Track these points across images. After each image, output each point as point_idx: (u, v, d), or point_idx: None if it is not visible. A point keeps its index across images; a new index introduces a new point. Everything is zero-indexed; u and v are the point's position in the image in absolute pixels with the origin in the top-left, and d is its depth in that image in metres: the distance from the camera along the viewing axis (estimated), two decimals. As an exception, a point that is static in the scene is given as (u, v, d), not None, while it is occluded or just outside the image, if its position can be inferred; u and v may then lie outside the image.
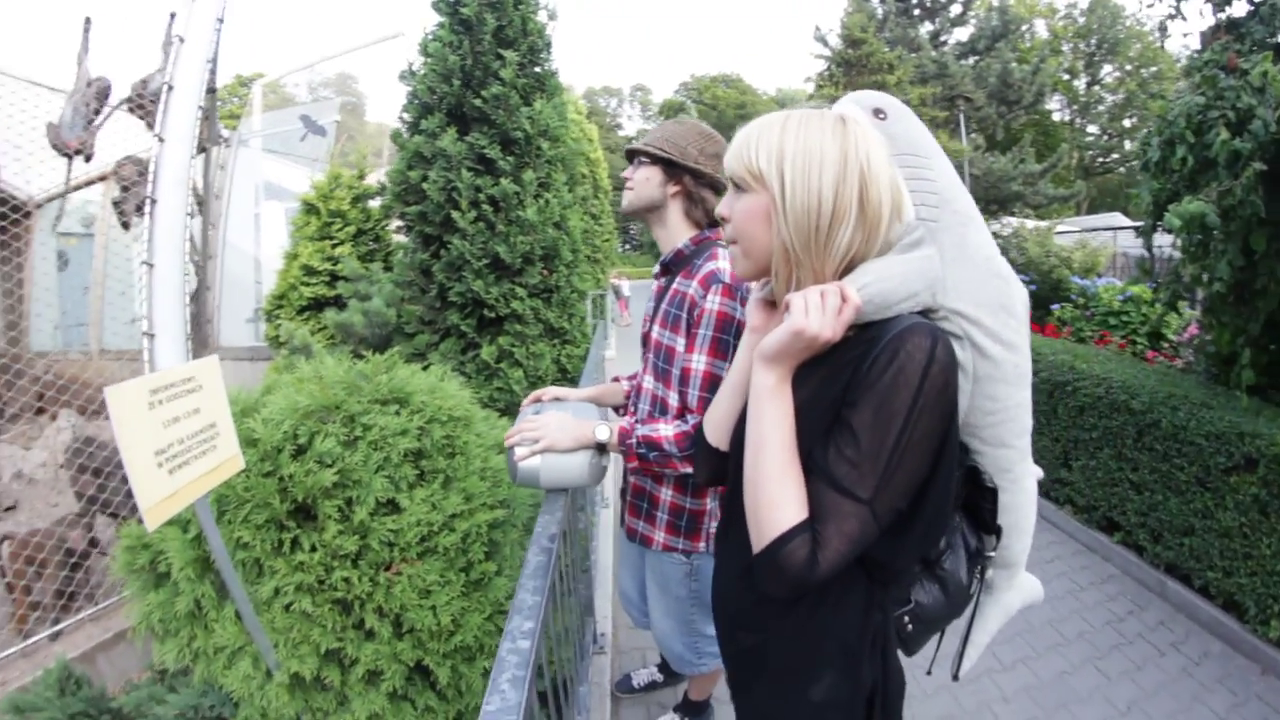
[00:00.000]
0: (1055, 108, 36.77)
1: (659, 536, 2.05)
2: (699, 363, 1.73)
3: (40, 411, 6.56)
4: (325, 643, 1.91)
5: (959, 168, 15.26)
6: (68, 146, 4.18)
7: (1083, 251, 11.83)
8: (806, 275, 1.03)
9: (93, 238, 7.96)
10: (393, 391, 2.16)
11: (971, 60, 19.92)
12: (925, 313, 1.06)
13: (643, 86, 66.30)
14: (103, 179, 7.50)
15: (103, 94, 4.04)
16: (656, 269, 2.05)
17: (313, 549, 1.93)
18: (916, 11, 19.38)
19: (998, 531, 1.22)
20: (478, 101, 3.81)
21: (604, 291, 9.87)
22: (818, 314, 0.94)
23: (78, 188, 5.27)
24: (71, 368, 7.66)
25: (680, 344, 1.80)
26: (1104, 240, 13.55)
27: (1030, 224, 13.94)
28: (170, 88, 3.53)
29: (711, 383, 1.73)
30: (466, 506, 2.07)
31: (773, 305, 1.15)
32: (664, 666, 2.99)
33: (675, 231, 1.95)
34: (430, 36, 3.99)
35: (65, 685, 2.53)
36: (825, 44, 17.16)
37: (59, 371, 7.11)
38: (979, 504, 1.21)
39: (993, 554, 1.24)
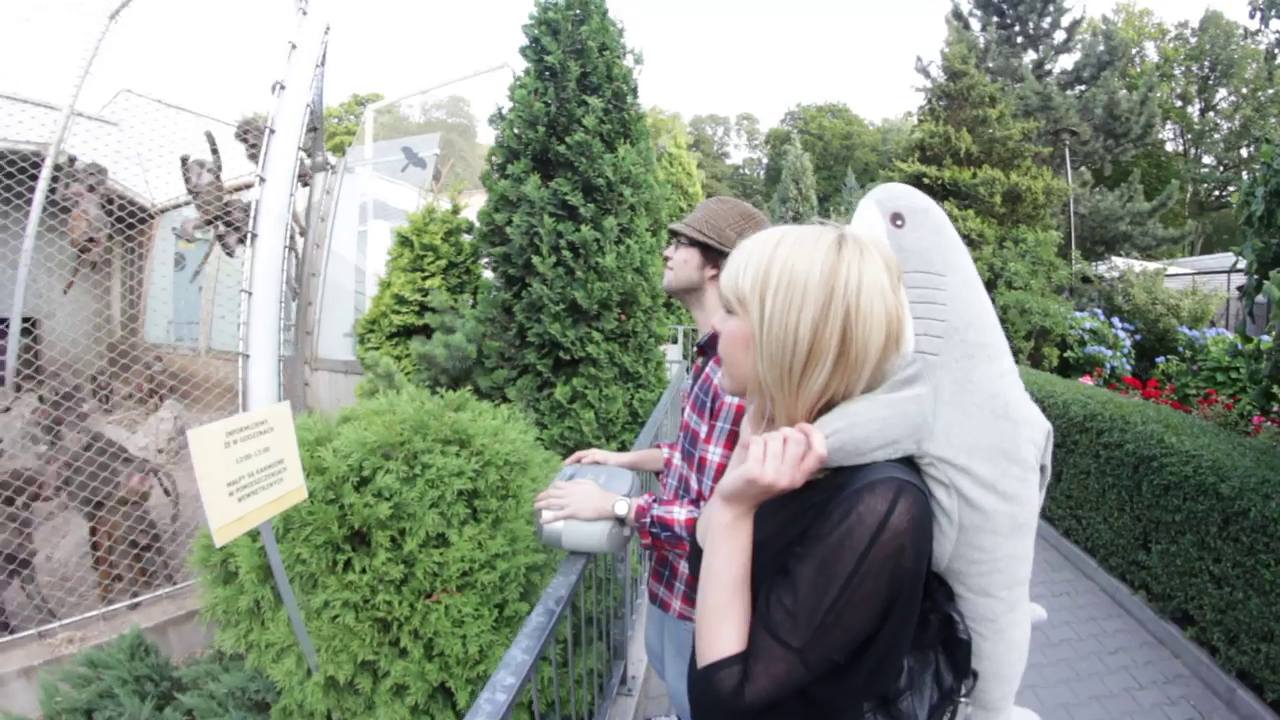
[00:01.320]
0: (1168, 137, 34.37)
1: (676, 605, 2.07)
2: (714, 454, 1.76)
3: (150, 396, 7.16)
4: (362, 654, 2.11)
5: (1064, 207, 14.65)
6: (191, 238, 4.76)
7: (1192, 298, 11.20)
8: (780, 411, 1.01)
9: (208, 242, 8.64)
10: (456, 432, 2.35)
11: (1077, 90, 19.09)
12: (909, 458, 1.02)
13: (749, 115, 65.94)
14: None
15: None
16: (694, 349, 2.06)
17: (362, 571, 2.13)
18: (1019, 40, 18.67)
19: (974, 675, 1.17)
20: (561, 148, 3.97)
21: (696, 327, 9.90)
22: (775, 463, 0.92)
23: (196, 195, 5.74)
24: (180, 361, 8.34)
25: (703, 430, 1.81)
26: (1216, 285, 12.73)
27: (1138, 266, 13.28)
28: (272, 131, 3.84)
29: (722, 475, 1.77)
30: (510, 548, 2.24)
31: (773, 420, 1.10)
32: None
33: (712, 313, 1.96)
34: (517, 83, 4.18)
35: (136, 651, 2.87)
36: (927, 75, 16.79)
37: (168, 363, 7.75)
38: (956, 647, 1.14)
39: (964, 699, 1.18)
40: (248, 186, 4.12)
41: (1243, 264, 3.76)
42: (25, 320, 6.92)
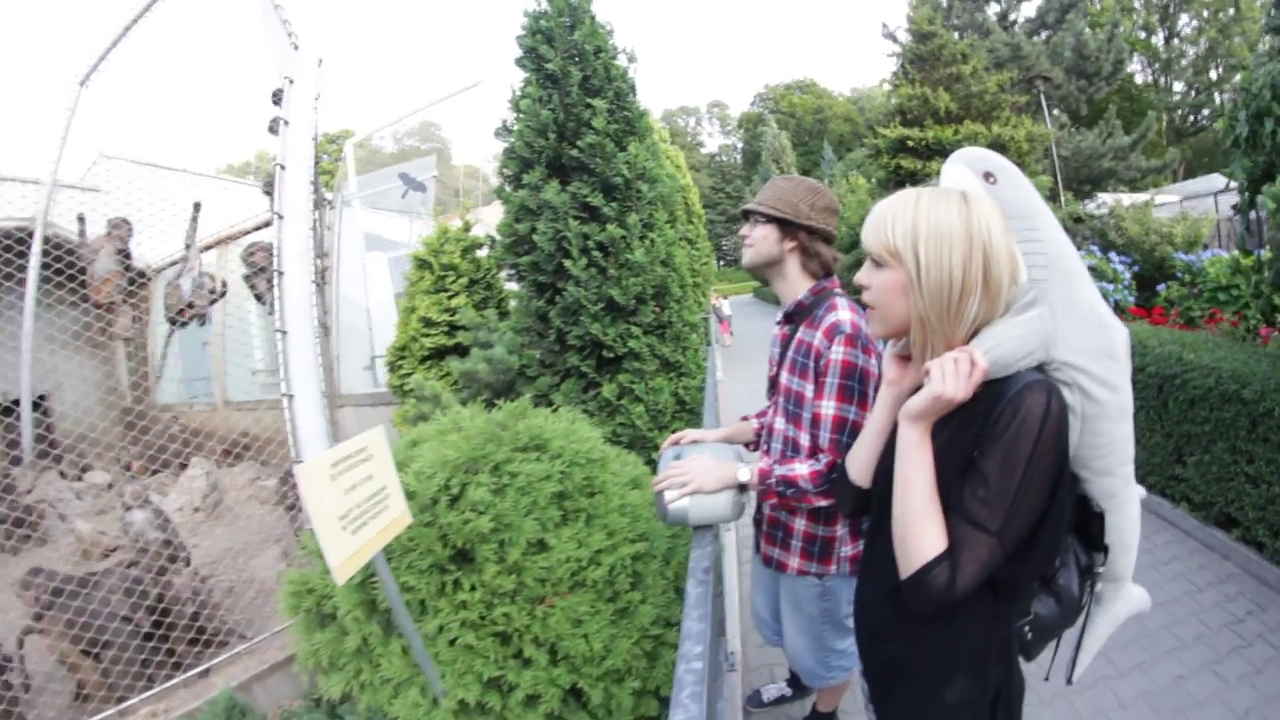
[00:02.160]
0: (1137, 69, 34.54)
1: (793, 562, 2.17)
2: (828, 408, 1.88)
3: (174, 457, 7.10)
4: (487, 671, 2.09)
5: (1046, 151, 14.73)
6: (184, 315, 4.95)
7: (1184, 224, 11.28)
8: (939, 341, 1.18)
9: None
10: (532, 439, 2.35)
11: (1044, 36, 19.19)
12: (1040, 366, 1.20)
13: (719, 102, 66.46)
14: (215, 245, 8.13)
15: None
16: (779, 317, 2.21)
17: (473, 588, 2.13)
18: (980, -7, 18.77)
19: (1105, 549, 1.36)
20: (574, 152, 4.00)
21: (706, 315, 9.90)
22: (953, 380, 1.10)
23: (193, 250, 5.74)
24: (197, 419, 8.31)
25: (809, 390, 1.94)
26: (1205, 209, 12.84)
27: (1126, 200, 13.36)
28: (282, 167, 3.82)
29: (839, 425, 1.87)
30: (610, 542, 2.24)
31: (905, 360, 1.30)
32: (792, 681, 3.07)
33: (794, 284, 2.09)
34: (519, 93, 4.19)
35: (231, 713, 2.82)
36: (895, 40, 16.80)
37: (185, 423, 7.72)
38: (1088, 526, 1.35)
39: (1101, 569, 1.39)
40: (266, 225, 4.08)
41: (1235, 184, 3.98)
42: (35, 398, 6.91)
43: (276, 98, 4.15)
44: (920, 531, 1.13)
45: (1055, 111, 17.78)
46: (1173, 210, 12.78)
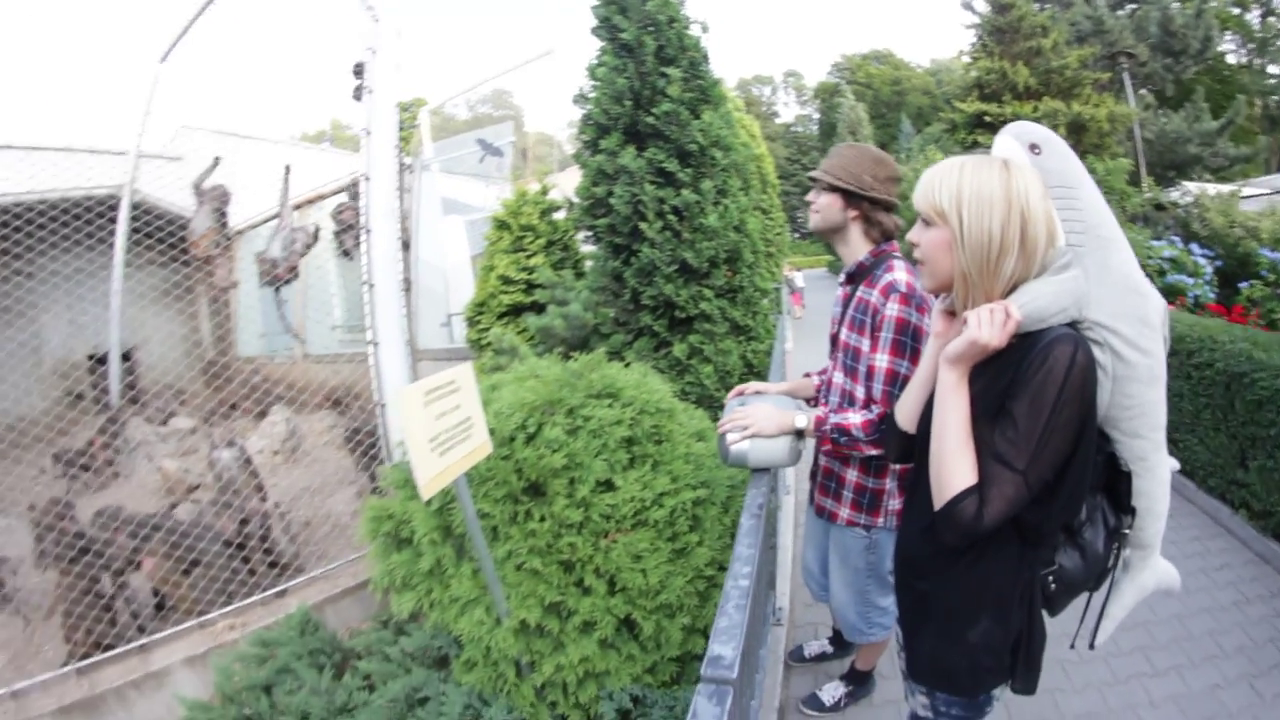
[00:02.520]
0: (1229, 49, 32.29)
1: (843, 512, 2.29)
2: (881, 361, 1.99)
3: (254, 405, 7.54)
4: (549, 596, 2.29)
5: (1129, 133, 14.13)
6: (279, 277, 5.09)
7: (1273, 219, 10.68)
8: (979, 295, 1.29)
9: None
10: (605, 387, 2.52)
11: (1128, 9, 18.30)
12: (1073, 324, 1.30)
13: (795, 72, 65.33)
14: (296, 208, 8.53)
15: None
16: (841, 278, 2.31)
17: (542, 519, 2.32)
18: (1064, -39, 17.92)
19: (1132, 511, 1.43)
20: (650, 119, 4.11)
21: (779, 285, 9.89)
22: (988, 328, 1.21)
23: (286, 209, 6.06)
24: (278, 370, 8.77)
25: (865, 345, 2.06)
26: (1297, 203, 12.11)
27: (1211, 189, 12.75)
28: (368, 132, 4.05)
29: (891, 378, 1.98)
30: (673, 486, 2.40)
31: (952, 315, 1.41)
32: (834, 639, 3.18)
33: (856, 248, 2.21)
34: (596, 62, 4.31)
35: (305, 627, 3.08)
36: (972, 10, 16.25)
37: (266, 374, 8.16)
38: (1117, 486, 1.43)
39: (1128, 532, 1.46)
40: (342, 190, 4.33)
41: None
42: (124, 351, 7.41)
43: (358, 69, 4.35)
44: (953, 466, 1.25)
45: (1140, 91, 16.96)
46: (1261, 203, 12.15)
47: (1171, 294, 9.74)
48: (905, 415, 1.51)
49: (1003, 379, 1.26)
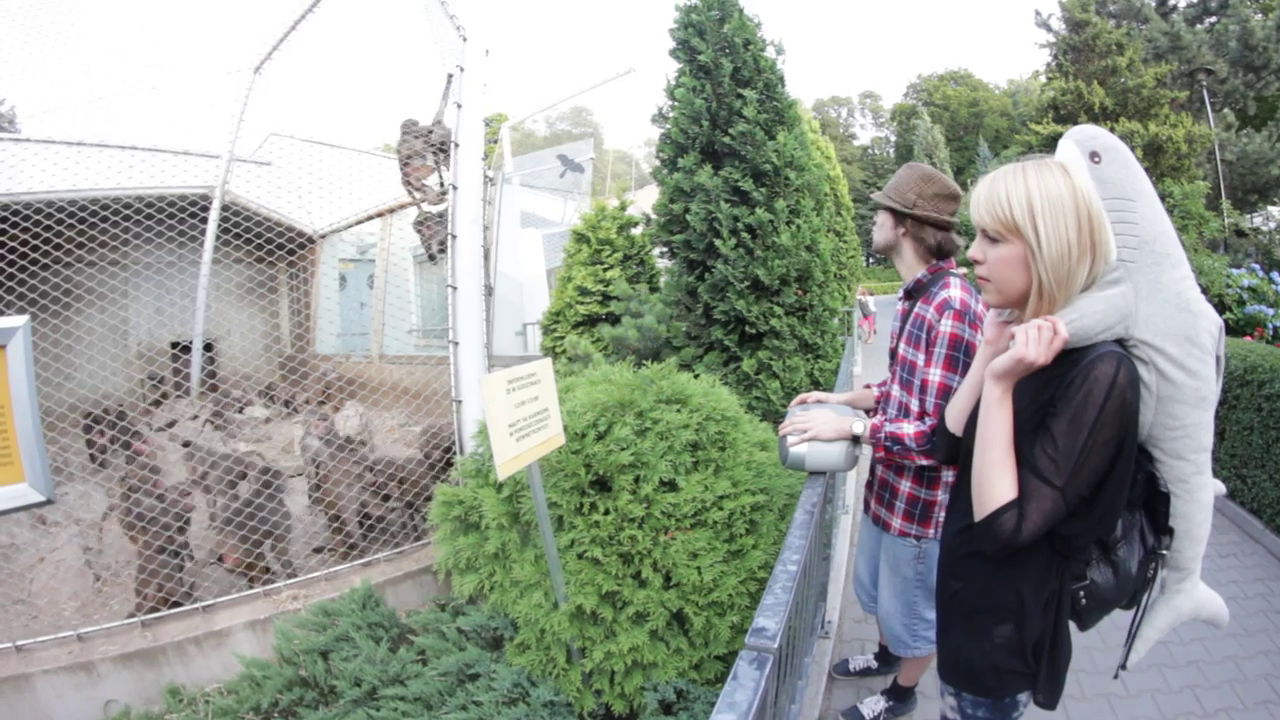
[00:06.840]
0: None
1: (896, 522, 2.38)
2: (935, 375, 2.08)
3: (325, 401, 7.95)
4: (606, 585, 2.42)
5: (1209, 154, 13.61)
6: (420, 183, 4.94)
7: (1360, 248, 10.18)
8: (1048, 306, 1.29)
9: (367, 262, 9.54)
10: (675, 393, 2.67)
11: (1207, 24, 17.45)
12: (1120, 341, 1.31)
13: (871, 93, 64.40)
14: (379, 215, 8.97)
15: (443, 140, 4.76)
16: (900, 294, 2.42)
17: (606, 512, 2.46)
18: (1139, -25, 17.27)
19: (1170, 532, 1.43)
20: (726, 139, 4.25)
21: (850, 308, 9.92)
22: (1035, 345, 1.22)
23: (358, 223, 6.40)
24: (353, 369, 9.19)
25: (920, 359, 2.15)
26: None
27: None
28: (457, 145, 4.29)
29: (944, 392, 2.07)
30: (733, 490, 2.52)
31: (1006, 324, 1.42)
32: (880, 655, 3.23)
33: (911, 264, 2.31)
34: (674, 83, 4.48)
35: (367, 601, 3.26)
36: (1048, 29, 15.90)
37: (342, 372, 8.57)
38: (1156, 506, 1.42)
39: (1165, 553, 1.45)
40: (442, 194, 4.59)
41: None
42: (206, 342, 7.91)
43: (448, 84, 4.65)
44: (995, 480, 1.28)
45: (1221, 110, 16.26)
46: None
47: (1250, 325, 9.38)
48: (954, 419, 1.57)
49: (1045, 394, 1.28)
